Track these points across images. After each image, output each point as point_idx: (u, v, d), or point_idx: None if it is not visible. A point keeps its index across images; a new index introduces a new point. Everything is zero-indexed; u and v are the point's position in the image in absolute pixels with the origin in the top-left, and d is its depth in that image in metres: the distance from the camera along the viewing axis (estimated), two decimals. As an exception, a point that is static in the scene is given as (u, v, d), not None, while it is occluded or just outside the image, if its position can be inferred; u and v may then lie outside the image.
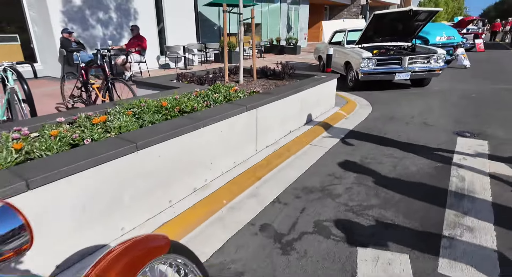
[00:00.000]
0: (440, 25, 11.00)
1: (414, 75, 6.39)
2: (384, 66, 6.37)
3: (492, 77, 8.15)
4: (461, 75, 8.52)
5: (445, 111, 5.09)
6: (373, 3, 30.99)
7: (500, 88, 6.71)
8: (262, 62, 11.34)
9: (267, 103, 3.34)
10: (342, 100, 5.83)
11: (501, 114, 4.83)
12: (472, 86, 7.04)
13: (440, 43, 9.76)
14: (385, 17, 6.39)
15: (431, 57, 6.36)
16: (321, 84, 4.61)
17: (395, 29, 7.00)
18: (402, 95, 6.32)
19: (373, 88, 6.97)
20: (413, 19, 6.57)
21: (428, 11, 6.28)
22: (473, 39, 15.13)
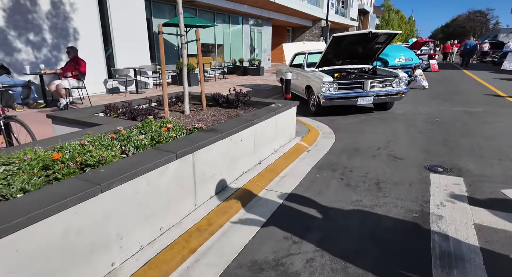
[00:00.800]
0: (398, 47, 11.22)
1: (377, 99, 6.11)
2: (346, 91, 6.03)
3: (450, 98, 8.18)
4: (421, 97, 8.50)
5: (412, 139, 4.74)
6: (333, 25, 32.24)
7: (460, 111, 6.61)
8: (223, 85, 10.80)
9: (210, 144, 2.69)
10: (303, 128, 5.34)
11: (467, 141, 4.54)
12: (434, 108, 6.92)
13: (399, 65, 9.83)
14: (344, 39, 6.12)
15: (393, 81, 6.13)
16: (280, 114, 4.07)
17: (356, 51, 6.77)
18: (366, 121, 5.98)
19: (336, 112, 6.60)
20: (373, 42, 6.37)
21: (387, 33, 6.11)
22: (428, 60, 15.78)
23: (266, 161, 3.71)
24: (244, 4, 15.73)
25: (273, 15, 19.34)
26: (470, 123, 5.57)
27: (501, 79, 12.33)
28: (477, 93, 8.99)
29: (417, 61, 9.92)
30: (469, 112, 6.45)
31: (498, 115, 6.15)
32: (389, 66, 9.75)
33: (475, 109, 6.78)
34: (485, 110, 6.60)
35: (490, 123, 5.53)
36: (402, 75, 6.15)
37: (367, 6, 43.47)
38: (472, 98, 8.19)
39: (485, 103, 7.39)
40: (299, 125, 5.54)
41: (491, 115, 6.19)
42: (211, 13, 14.76)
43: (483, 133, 4.95)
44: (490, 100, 7.86)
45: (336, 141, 4.74)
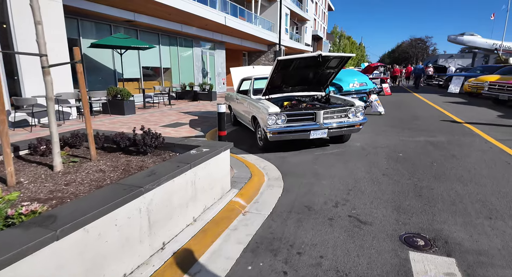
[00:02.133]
0: (351, 71, 10.81)
1: (332, 132, 5.19)
2: (296, 123, 5.05)
3: (409, 125, 7.61)
4: (379, 124, 7.85)
5: (376, 187, 3.76)
6: (288, 50, 32.64)
7: (423, 142, 5.92)
8: (165, 113, 9.35)
9: (30, 253, 1.39)
10: (246, 172, 4.18)
11: (443, 188, 3.67)
12: (394, 139, 6.18)
13: (353, 90, 9.27)
14: (291, 63, 5.21)
15: (348, 111, 5.28)
16: (201, 165, 2.87)
17: (307, 77, 5.91)
18: (321, 158, 4.99)
19: (287, 146, 5.57)
20: (324, 66, 5.55)
21: (339, 57, 5.32)
22: (380, 83, 15.83)
23: (174, 244, 2.44)
24: (193, 26, 14.81)
25: (225, 38, 18.67)
26: (439, 159, 4.79)
27: (450, 102, 12.40)
28: (433, 118, 8.59)
29: (372, 86, 9.46)
30: (433, 143, 5.76)
31: (463, 147, 5.50)
32: (343, 92, 9.15)
33: (438, 138, 6.15)
34: (449, 140, 5.97)
35: (460, 159, 4.80)
36: (358, 104, 5.33)
37: (320, 32, 45.30)
38: (431, 124, 7.69)
39: (445, 131, 6.85)
40: (241, 167, 4.39)
41: (456, 146, 5.53)
42: (155, 35, 13.59)
43: (457, 174, 4.14)
44: (449, 127, 7.38)
45: (284, 192, 3.61)
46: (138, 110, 10.47)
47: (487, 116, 8.82)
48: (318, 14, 49.22)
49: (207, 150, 3.11)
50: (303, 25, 36.80)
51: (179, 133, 6.92)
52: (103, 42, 9.17)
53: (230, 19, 16.45)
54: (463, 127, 7.27)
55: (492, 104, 11.61)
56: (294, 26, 34.25)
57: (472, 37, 37.09)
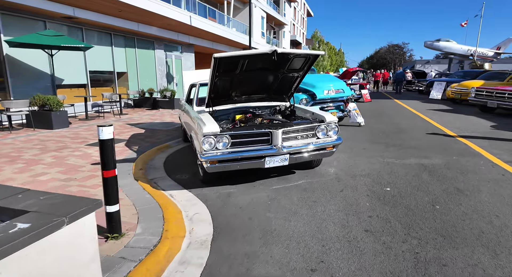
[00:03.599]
0: (327, 77, 9.50)
1: (295, 158, 3.76)
2: (245, 147, 3.58)
3: (395, 140, 6.32)
4: (358, 139, 6.52)
5: (356, 264, 2.33)
6: (265, 55, 31.50)
7: (414, 166, 4.59)
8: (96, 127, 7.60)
9: None
10: (157, 228, 2.66)
11: (463, 262, 2.28)
12: (378, 161, 4.83)
13: (329, 98, 7.94)
14: (237, 63, 3.75)
15: (317, 128, 3.87)
16: (8, 258, 1.31)
17: (264, 82, 4.47)
18: (280, 197, 3.53)
19: (237, 176, 4.09)
20: (285, 68, 4.13)
21: (303, 55, 3.90)
22: (360, 89, 14.74)
23: None
24: (152, 26, 13.20)
25: (194, 40, 17.15)
26: (441, 197, 3.44)
27: (435, 110, 11.37)
28: (420, 130, 7.37)
29: (349, 93, 8.18)
30: (428, 169, 4.44)
31: (467, 174, 4.20)
32: (317, 100, 7.80)
33: (432, 160, 4.85)
34: (447, 164, 4.67)
35: (469, 196, 3.47)
36: (330, 119, 3.93)
37: (299, 37, 44.57)
38: (419, 139, 6.43)
39: (439, 149, 5.58)
40: (154, 219, 2.86)
41: (458, 174, 4.22)
42: (106, 34, 11.88)
43: (475, 227, 2.78)
44: (442, 142, 6.13)
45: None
46: (77, 122, 8.74)
47: (479, 127, 7.70)
48: (297, 19, 48.61)
49: (25, 228, 1.57)
50: (281, 30, 35.83)
51: (104, 155, 5.30)
52: (25, 40, 7.44)
53: (197, 19, 14.96)
54: (457, 143, 6.04)
55: (479, 112, 10.63)
56: (271, 30, 33.17)
57: (448, 43, 37.30)
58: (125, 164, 4.85)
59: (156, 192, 3.72)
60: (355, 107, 8.19)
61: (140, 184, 3.95)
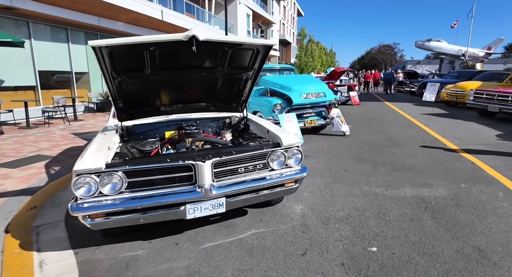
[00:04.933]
0: (306, 78, 8.22)
1: (234, 203, 2.49)
2: (152, 190, 2.29)
3: (385, 157, 5.10)
4: (340, 155, 5.29)
5: None
6: (252, 54, 30.23)
7: (411, 199, 3.37)
8: (48, 136, 6.13)
9: None
10: None
11: None
12: (362, 193, 3.59)
13: (308, 103, 6.70)
14: (141, 57, 2.44)
15: (270, 156, 2.60)
16: None
17: (202, 86, 3.17)
18: (206, 273, 2.24)
19: (156, 225, 2.79)
20: (224, 66, 2.83)
21: (246, 45, 2.59)
22: (348, 92, 13.58)
23: None
24: (117, 20, 11.81)
25: (169, 38, 15.75)
26: (454, 267, 2.21)
27: (429, 114, 10.24)
28: (416, 141, 6.18)
29: (332, 97, 6.95)
30: (430, 206, 3.21)
31: (485, 216, 2.99)
32: (293, 105, 6.56)
33: (435, 190, 3.63)
34: (455, 196, 3.45)
35: (497, 263, 2.24)
36: (290, 141, 2.66)
37: (289, 37, 43.40)
38: (416, 155, 5.23)
39: (441, 170, 4.38)
40: None
41: (474, 215, 3.01)
42: (62, 29, 10.44)
43: None
44: (444, 160, 4.94)
45: None
46: (14, 131, 7.36)
47: (483, 138, 6.54)
48: (287, 19, 47.44)
49: None
50: (269, 28, 34.61)
51: (6, 182, 3.96)
52: None
53: (169, 14, 13.61)
54: (462, 161, 4.84)
55: (478, 117, 9.54)
56: (258, 28, 31.92)
57: (439, 43, 36.62)
58: (19, 198, 3.52)
59: (20, 256, 2.41)
60: (339, 114, 6.96)
61: (6, 239, 2.64)
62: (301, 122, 6.70)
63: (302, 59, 29.18)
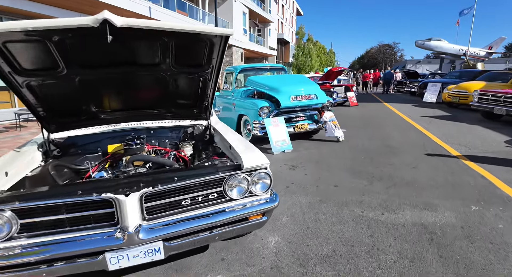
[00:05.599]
0: (296, 78, 7.53)
1: (177, 247, 1.86)
2: (54, 236, 1.66)
3: (382, 168, 4.48)
4: (331, 166, 4.67)
5: None
6: (248, 54, 29.59)
7: (412, 227, 2.76)
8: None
9: None
10: None
11: None
12: (353, 219, 2.97)
13: (298, 106, 6.08)
14: (46, 51, 1.81)
15: (228, 181, 1.97)
16: None
17: (152, 89, 2.54)
18: None
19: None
20: (171, 62, 2.19)
21: (189, 33, 1.90)
22: (345, 92, 12.96)
23: None
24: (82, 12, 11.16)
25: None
26: None
27: (431, 117, 9.61)
28: (417, 148, 5.56)
29: (325, 99, 6.32)
30: (436, 238, 2.59)
31: (508, 255, 2.37)
32: (282, 109, 5.94)
33: (440, 216, 3.01)
34: (465, 223, 2.83)
35: None
36: (258, 162, 2.04)
37: (287, 36, 42.73)
38: (417, 166, 4.61)
39: (447, 186, 3.76)
40: None
41: (491, 253, 2.39)
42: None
43: None
44: (449, 172, 4.32)
45: None
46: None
47: (491, 144, 5.92)
48: (286, 18, 46.81)
49: None
50: (266, 27, 33.93)
51: None
52: None
53: (158, 11, 13.01)
54: (471, 173, 4.22)
55: (482, 119, 8.91)
56: (255, 27, 31.27)
57: (439, 42, 36.02)
58: None
59: None
60: (333, 117, 6.33)
61: None
62: (290, 126, 6.09)
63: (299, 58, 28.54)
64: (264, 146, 5.87)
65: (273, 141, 5.57)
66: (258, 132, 5.88)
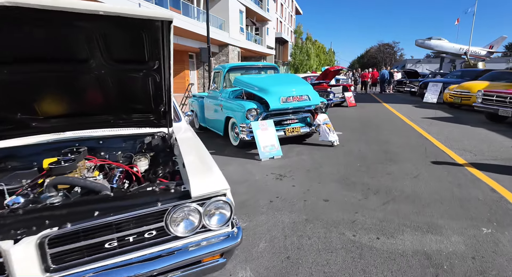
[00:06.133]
0: (287, 78, 6.96)
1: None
2: None
3: (379, 179, 4.02)
4: (322, 175, 4.20)
5: None
6: (245, 53, 29.09)
7: (412, 257, 2.32)
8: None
9: None
10: None
11: None
12: (342, 245, 2.51)
13: (289, 108, 5.60)
14: None
15: (174, 215, 1.49)
16: None
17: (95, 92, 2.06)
18: None
19: None
20: (100, 56, 1.71)
21: (117, 17, 1.43)
22: (343, 92, 12.49)
23: None
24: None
25: (151, 34, 14.61)
26: None
27: (432, 118, 9.14)
28: (417, 155, 5.10)
29: (318, 100, 5.84)
30: (443, 275, 2.12)
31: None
32: (271, 111, 5.47)
33: (446, 241, 2.54)
34: (476, 250, 2.37)
35: None
36: (213, 188, 1.56)
37: (286, 35, 42.18)
38: (418, 176, 4.14)
39: (452, 201, 3.29)
40: None
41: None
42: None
43: None
44: (455, 184, 3.86)
45: None
46: None
47: (498, 149, 5.45)
48: (284, 17, 46.31)
49: None
50: (264, 26, 33.42)
51: None
52: None
53: (149, 8, 12.50)
54: (479, 186, 3.75)
55: (486, 121, 8.44)
56: (253, 26, 30.75)
57: (440, 41, 35.57)
58: None
59: None
60: (327, 120, 5.86)
61: None
62: (281, 130, 5.61)
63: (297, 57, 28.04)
64: (252, 151, 5.41)
65: (260, 146, 5.10)
66: (246, 136, 5.41)
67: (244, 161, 4.99)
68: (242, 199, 3.41)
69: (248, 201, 3.37)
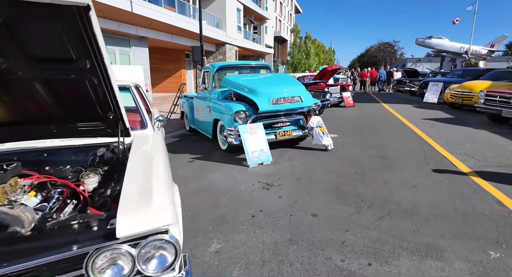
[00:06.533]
0: (279, 78, 6.49)
1: None
2: None
3: (375, 189, 3.68)
4: (312, 184, 3.86)
5: None
6: (243, 52, 28.73)
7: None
8: None
9: None
10: None
11: None
12: (329, 273, 2.16)
13: (281, 109, 5.25)
14: None
15: (98, 261, 1.15)
16: None
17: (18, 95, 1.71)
18: None
19: None
20: (20, 56, 1.38)
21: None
22: (340, 92, 12.14)
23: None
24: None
25: (144, 32, 14.30)
26: None
27: (432, 119, 8.80)
28: (417, 161, 4.76)
29: (311, 102, 5.49)
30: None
31: None
32: (260, 113, 5.12)
33: (450, 267, 2.21)
34: (483, 286, 2.03)
35: None
36: (151, 226, 1.21)
37: (284, 34, 41.76)
38: (417, 185, 3.80)
39: (455, 217, 2.96)
40: None
41: None
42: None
43: None
44: (458, 195, 3.52)
45: None
46: None
47: (502, 153, 5.11)
48: (284, 15, 45.85)
49: None
50: (263, 25, 33.02)
51: None
52: None
53: (141, 5, 12.15)
54: (485, 198, 3.40)
55: (489, 123, 8.10)
56: (251, 24, 30.35)
57: (440, 40, 35.20)
58: None
59: None
60: (321, 123, 5.52)
61: None
62: (271, 133, 5.27)
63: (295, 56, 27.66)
64: (241, 155, 5.08)
65: (248, 152, 4.75)
66: (234, 140, 5.07)
67: (231, 168, 4.64)
68: (222, 213, 3.07)
69: (228, 216, 3.03)
